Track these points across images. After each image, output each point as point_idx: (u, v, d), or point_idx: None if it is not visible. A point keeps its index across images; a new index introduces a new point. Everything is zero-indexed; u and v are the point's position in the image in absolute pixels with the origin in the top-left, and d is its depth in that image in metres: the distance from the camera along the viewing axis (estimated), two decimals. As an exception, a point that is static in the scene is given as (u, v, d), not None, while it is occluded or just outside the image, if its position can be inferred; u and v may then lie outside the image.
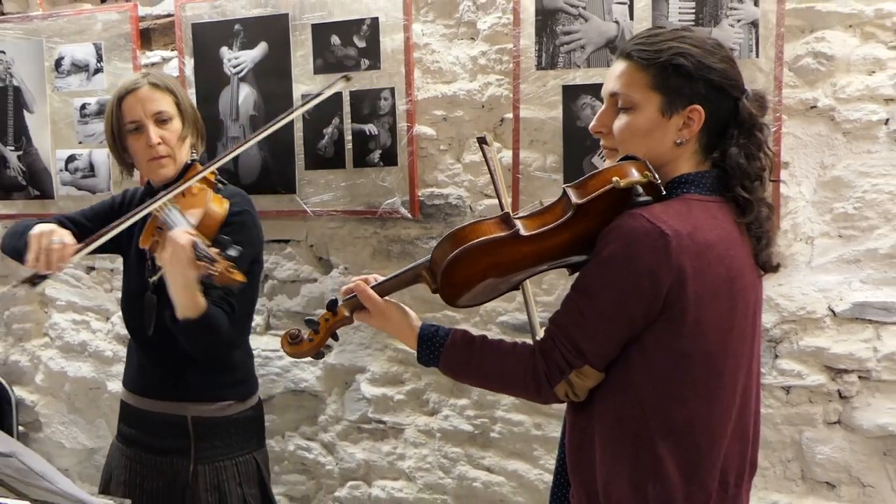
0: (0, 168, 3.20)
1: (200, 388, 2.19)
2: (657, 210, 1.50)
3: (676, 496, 1.55)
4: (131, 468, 2.26)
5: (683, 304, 1.49)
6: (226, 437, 2.21)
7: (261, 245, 2.28)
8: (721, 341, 1.55)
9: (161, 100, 2.18)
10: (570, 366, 1.53)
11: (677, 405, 1.54)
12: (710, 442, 1.57)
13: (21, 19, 3.11)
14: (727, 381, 1.57)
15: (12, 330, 3.36)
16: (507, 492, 2.63)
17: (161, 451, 2.22)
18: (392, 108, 2.58)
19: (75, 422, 3.28)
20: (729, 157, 1.58)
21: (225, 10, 2.76)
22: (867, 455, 2.23)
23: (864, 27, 2.15)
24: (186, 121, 2.22)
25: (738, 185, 1.59)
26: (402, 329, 1.70)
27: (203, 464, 2.18)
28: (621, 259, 1.48)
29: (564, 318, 1.55)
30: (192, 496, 2.16)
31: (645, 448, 1.55)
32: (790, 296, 2.25)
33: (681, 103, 1.57)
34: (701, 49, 1.57)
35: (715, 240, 1.53)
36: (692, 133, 1.58)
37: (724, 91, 1.58)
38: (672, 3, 2.25)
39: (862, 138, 2.17)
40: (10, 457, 1.51)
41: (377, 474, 2.80)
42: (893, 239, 2.15)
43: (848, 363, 2.21)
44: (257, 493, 2.25)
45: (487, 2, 2.49)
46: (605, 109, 1.64)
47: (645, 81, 1.57)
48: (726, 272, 1.54)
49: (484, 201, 2.56)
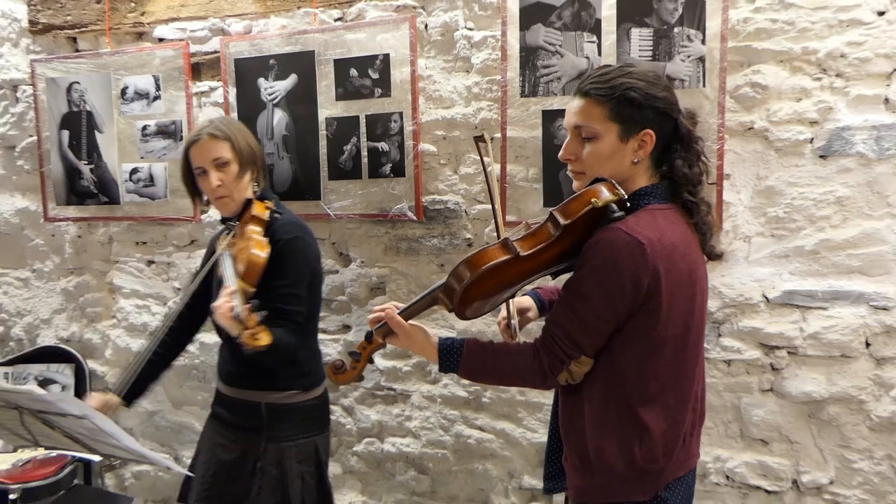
0: (76, 179, 3.19)
1: (271, 381, 2.17)
2: (631, 223, 1.52)
3: (657, 450, 1.59)
4: (215, 441, 2.26)
5: (658, 298, 1.52)
6: (291, 421, 2.19)
7: (315, 263, 2.21)
8: (685, 323, 1.58)
9: (219, 147, 2.13)
10: (569, 357, 1.56)
11: (652, 378, 1.57)
12: (680, 403, 1.62)
13: (93, 55, 3.10)
14: (689, 354, 1.61)
15: (86, 313, 3.35)
16: (497, 447, 2.63)
17: (240, 428, 2.22)
18: (401, 128, 2.57)
19: (138, 389, 3.27)
20: (675, 168, 1.61)
21: (262, 48, 2.76)
22: (794, 417, 2.23)
23: (793, 62, 2.14)
24: (243, 162, 2.16)
25: (685, 192, 1.62)
26: (425, 346, 1.67)
27: (271, 442, 2.16)
28: (608, 267, 1.49)
29: (563, 319, 1.56)
30: (260, 468, 2.16)
31: (628, 415, 1.58)
32: (731, 285, 2.24)
33: (635, 129, 1.58)
34: (645, 82, 1.59)
35: (677, 241, 1.56)
36: (646, 153, 1.60)
37: (667, 114, 1.59)
38: (633, 42, 2.24)
39: (791, 154, 2.16)
40: (83, 418, 1.50)
41: (388, 432, 2.80)
42: (817, 238, 2.15)
43: (779, 341, 2.21)
44: (313, 471, 2.21)
45: (480, 41, 2.48)
46: (571, 139, 1.63)
47: (603, 114, 1.57)
48: (687, 266, 1.57)
49: (477, 206, 2.55)
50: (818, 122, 2.12)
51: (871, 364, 2.14)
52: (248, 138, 2.21)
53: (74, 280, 3.36)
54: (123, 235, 3.21)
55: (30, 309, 3.49)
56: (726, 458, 2.31)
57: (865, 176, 2.09)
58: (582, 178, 1.64)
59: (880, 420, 2.13)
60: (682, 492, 1.68)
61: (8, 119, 3.39)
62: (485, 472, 2.65)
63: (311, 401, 2.23)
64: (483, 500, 2.68)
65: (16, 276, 3.52)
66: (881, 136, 2.07)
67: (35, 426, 1.64)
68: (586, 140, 1.60)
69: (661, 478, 1.62)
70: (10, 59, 3.33)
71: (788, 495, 2.25)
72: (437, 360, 1.65)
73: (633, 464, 1.58)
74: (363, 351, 1.75)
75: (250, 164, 2.19)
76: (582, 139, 1.61)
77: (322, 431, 2.28)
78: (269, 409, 2.18)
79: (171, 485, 3.25)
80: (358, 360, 1.74)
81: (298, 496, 2.17)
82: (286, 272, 2.11)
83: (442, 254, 2.62)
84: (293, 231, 2.15)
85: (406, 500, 2.80)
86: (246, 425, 2.20)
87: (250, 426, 2.19)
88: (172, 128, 2.98)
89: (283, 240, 2.11)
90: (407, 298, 2.68)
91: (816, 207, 2.14)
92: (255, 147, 2.22)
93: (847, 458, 2.18)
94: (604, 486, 1.60)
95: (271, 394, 2.17)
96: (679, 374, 1.61)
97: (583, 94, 1.60)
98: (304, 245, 2.16)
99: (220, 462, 2.22)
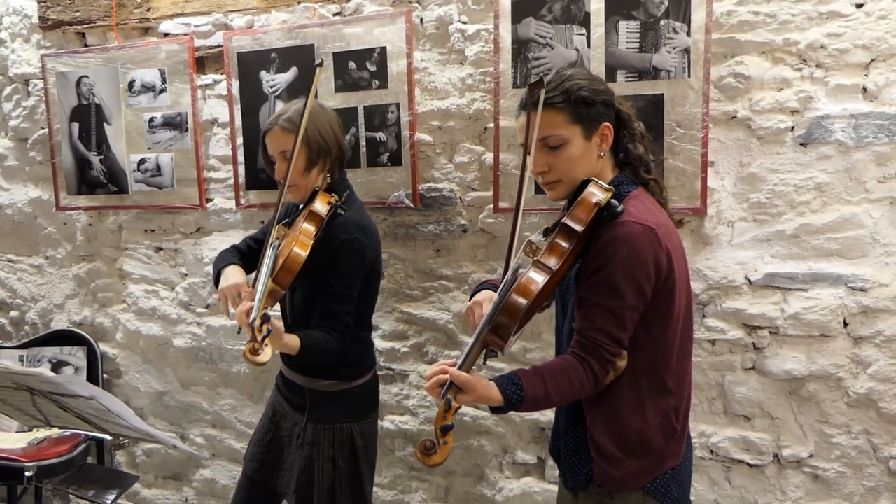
0: (86, 169, 3.17)
1: (316, 370, 2.16)
2: (634, 213, 1.53)
3: (682, 414, 1.64)
4: (275, 409, 2.32)
5: (673, 276, 1.54)
6: (331, 407, 2.17)
7: (370, 264, 2.12)
8: (687, 293, 1.63)
9: (287, 140, 2.04)
10: (614, 356, 1.54)
11: (673, 350, 1.60)
12: (689, 367, 1.69)
13: (101, 50, 3.08)
14: (690, 321, 1.68)
15: (97, 298, 3.34)
16: (491, 424, 2.63)
17: (292, 404, 2.25)
18: (398, 119, 2.56)
19: (148, 370, 3.27)
20: (630, 152, 1.64)
21: (263, 42, 2.73)
22: (776, 394, 2.22)
23: (775, 53, 2.12)
24: (311, 157, 2.06)
25: (643, 172, 1.65)
26: (489, 393, 1.50)
27: (312, 422, 2.17)
28: (632, 259, 1.49)
29: (601, 322, 1.52)
30: (301, 444, 2.18)
31: (661, 390, 1.60)
32: (715, 268, 2.23)
33: (594, 125, 1.59)
34: (588, 79, 1.61)
35: (665, 219, 1.60)
36: (609, 144, 1.62)
37: (611, 105, 1.62)
38: (621, 35, 2.22)
39: (772, 142, 2.15)
40: (91, 399, 1.50)
41: (387, 411, 2.80)
42: (797, 223, 2.14)
43: (761, 321, 2.20)
44: (348, 455, 2.18)
45: (473, 34, 2.46)
46: (538, 152, 1.60)
47: (564, 119, 1.57)
48: (677, 241, 1.61)
49: (471, 193, 2.54)
50: (799, 111, 2.11)
51: (848, 343, 2.13)
52: (324, 129, 2.09)
53: (86, 266, 3.35)
54: (132, 223, 3.20)
55: (43, 294, 3.48)
56: (710, 434, 2.31)
57: (844, 163, 2.08)
58: (557, 187, 1.63)
59: (857, 396, 2.13)
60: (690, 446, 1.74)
61: (20, 112, 3.36)
62: (480, 448, 2.65)
63: (353, 390, 2.20)
64: (478, 474, 2.68)
65: (30, 263, 3.51)
66: (859, 124, 2.05)
67: (46, 407, 1.64)
68: (553, 149, 1.59)
69: (683, 439, 1.67)
70: (21, 55, 3.31)
71: (770, 468, 2.26)
72: (501, 401, 1.51)
73: (670, 433, 1.60)
74: (449, 420, 1.48)
75: (322, 156, 2.09)
76: (549, 149, 1.59)
77: (363, 418, 2.23)
78: (311, 393, 2.18)
79: (181, 462, 3.26)
80: (446, 433, 1.47)
81: (327, 478, 2.15)
82: (340, 272, 2.05)
83: (438, 239, 2.61)
84: (352, 231, 2.06)
85: (405, 475, 2.81)
86: (295, 402, 2.23)
87: (299, 403, 2.22)
88: (178, 119, 2.96)
89: (340, 238, 2.04)
90: (405, 283, 2.68)
91: (797, 193, 2.13)
92: (329, 138, 2.10)
93: (826, 432, 2.18)
94: (644, 468, 1.60)
95: (316, 381, 2.17)
96: (687, 341, 1.66)
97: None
98: (361, 246, 2.07)
99: (279, 430, 2.28)
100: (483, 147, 2.50)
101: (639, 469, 1.60)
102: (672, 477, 1.63)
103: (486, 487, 2.66)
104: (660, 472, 1.62)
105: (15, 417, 1.82)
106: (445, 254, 2.61)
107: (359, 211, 2.16)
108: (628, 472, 1.60)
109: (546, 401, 1.53)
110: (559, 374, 1.52)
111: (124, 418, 1.54)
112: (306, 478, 2.15)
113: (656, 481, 1.62)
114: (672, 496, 1.62)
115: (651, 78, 2.19)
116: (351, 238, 2.05)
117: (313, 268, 2.01)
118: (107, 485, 1.67)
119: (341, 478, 2.16)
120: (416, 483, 2.78)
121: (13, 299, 3.56)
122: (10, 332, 3.61)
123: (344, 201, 2.09)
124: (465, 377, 1.48)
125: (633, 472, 1.60)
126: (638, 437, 1.59)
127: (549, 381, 1.52)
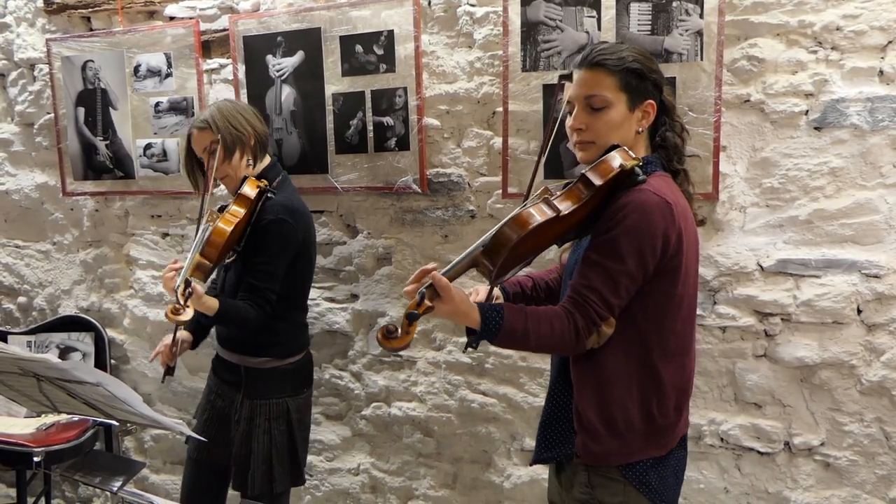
0: (92, 155, 3.15)
1: (249, 347, 2.31)
2: (655, 185, 1.52)
3: (671, 405, 1.60)
4: (212, 390, 2.45)
5: (680, 258, 1.52)
6: (265, 383, 2.32)
7: (297, 245, 2.25)
8: (695, 282, 1.62)
9: (204, 137, 2.24)
10: (601, 319, 1.52)
11: (671, 335, 1.57)
12: (691, 359, 1.65)
13: (106, 34, 3.05)
14: (695, 312, 1.66)
15: (105, 284, 3.34)
16: (499, 411, 2.61)
17: (226, 382, 2.39)
18: (405, 103, 2.53)
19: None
20: (668, 139, 1.62)
21: (269, 25, 2.70)
22: (787, 381, 2.20)
23: (790, 35, 2.08)
24: (227, 147, 2.23)
25: (676, 161, 1.64)
26: (468, 309, 1.50)
27: (248, 398, 2.31)
28: (642, 227, 1.48)
29: (595, 281, 1.51)
30: (237, 420, 2.33)
31: (649, 372, 1.57)
32: (727, 254, 2.21)
33: (640, 100, 1.59)
34: (643, 56, 1.61)
35: (685, 204, 1.59)
36: (649, 122, 1.61)
37: (660, 88, 1.61)
38: (632, 16, 2.18)
39: (786, 126, 2.11)
40: (97, 386, 1.48)
41: (395, 397, 2.79)
42: (810, 208, 2.11)
43: (773, 308, 2.17)
44: (284, 428, 2.33)
45: (482, 16, 2.42)
46: (580, 110, 1.60)
47: (614, 83, 1.56)
48: (693, 228, 1.60)
49: (479, 179, 2.51)
50: (813, 94, 2.07)
51: (862, 330, 2.10)
52: (234, 121, 2.25)
53: (93, 252, 3.34)
54: (139, 209, 3.18)
55: (51, 280, 3.48)
56: (721, 421, 2.28)
57: (859, 147, 2.05)
58: (589, 149, 1.61)
59: (870, 384, 2.10)
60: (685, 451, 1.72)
61: (26, 97, 3.35)
62: (488, 434, 2.64)
63: (286, 366, 2.34)
64: (486, 461, 2.67)
65: (37, 249, 3.51)
66: (875, 107, 2.02)
67: (53, 393, 1.62)
68: (596, 110, 1.58)
69: (675, 433, 1.64)
70: (27, 39, 3.29)
71: (780, 456, 2.23)
72: (478, 322, 1.50)
73: (651, 419, 1.59)
74: (419, 311, 1.48)
75: (237, 145, 2.25)
76: (592, 110, 1.58)
77: (297, 393, 2.37)
78: (246, 370, 2.32)
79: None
80: (412, 321, 1.47)
81: (264, 450, 2.28)
82: (264, 251, 2.20)
83: (446, 225, 2.59)
84: (280, 213, 2.21)
85: (412, 462, 2.80)
86: (230, 380, 2.37)
87: (233, 381, 2.35)
88: (184, 104, 2.94)
89: (267, 219, 2.19)
90: (412, 268, 2.66)
91: (811, 178, 2.10)
92: (241, 127, 2.26)
93: (838, 420, 2.16)
94: (624, 447, 1.59)
95: (249, 358, 2.31)
96: (690, 331, 1.63)
97: (592, 66, 1.58)
98: (287, 227, 2.21)
99: (215, 408, 2.41)
100: (491, 132, 2.47)
101: (618, 447, 1.59)
102: (651, 466, 1.61)
103: (493, 474, 2.65)
104: (639, 458, 1.60)
105: (22, 403, 1.81)
106: (453, 240, 2.59)
107: (290, 195, 2.31)
108: (607, 448, 1.59)
109: (523, 339, 1.52)
110: (542, 319, 1.52)
111: (131, 404, 1.53)
112: (244, 450, 2.29)
113: (635, 466, 1.60)
114: (651, 486, 1.60)
115: (663, 61, 2.15)
116: (277, 219, 2.19)
117: (244, 248, 2.20)
118: (114, 471, 1.66)
119: (277, 449, 2.30)
120: (424, 469, 2.78)
121: (21, 285, 3.56)
122: (17, 318, 3.61)
123: (275, 186, 2.27)
124: (446, 283, 1.47)
125: (611, 450, 1.59)
126: (622, 413, 1.57)
127: (531, 321, 1.51)
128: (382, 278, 2.72)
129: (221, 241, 2.10)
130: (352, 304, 2.81)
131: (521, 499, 2.60)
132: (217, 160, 2.20)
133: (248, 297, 2.20)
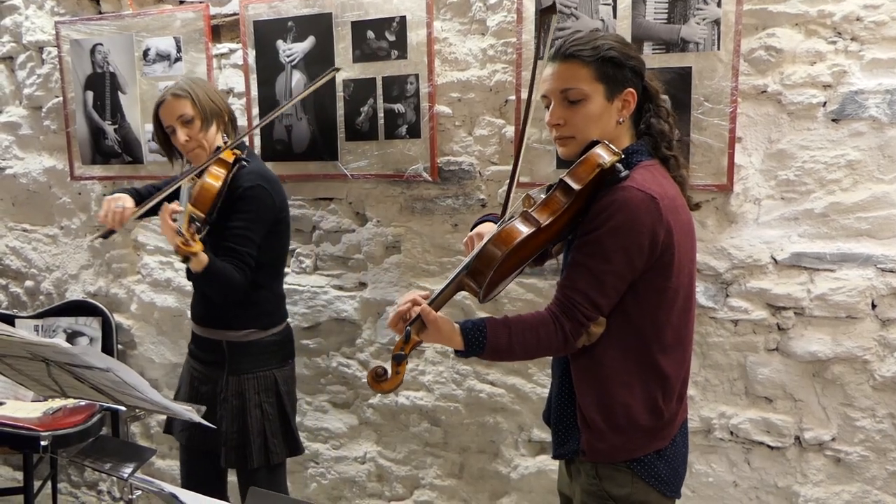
0: (100, 139, 3.14)
1: (230, 320, 2.30)
2: (638, 180, 1.49)
3: (674, 396, 1.60)
4: (192, 375, 2.42)
5: (671, 251, 1.49)
6: (250, 356, 2.31)
7: (274, 211, 2.27)
8: (690, 272, 1.58)
9: (181, 105, 2.23)
10: (589, 321, 1.51)
11: (667, 328, 1.55)
12: (688, 348, 1.64)
13: (115, 17, 3.04)
14: (692, 302, 1.63)
15: (112, 269, 3.33)
16: (507, 401, 2.60)
17: (208, 363, 2.37)
18: (416, 90, 2.51)
19: (162, 342, 3.27)
20: (653, 126, 1.59)
21: (280, 10, 2.68)
22: (799, 376, 2.18)
23: (808, 25, 2.05)
24: (206, 116, 2.25)
25: (664, 147, 1.60)
26: (451, 335, 1.51)
27: (233, 375, 2.30)
28: (627, 225, 1.45)
29: (581, 283, 1.50)
30: (224, 399, 2.31)
31: (650, 367, 1.56)
32: (740, 247, 2.19)
33: (618, 89, 1.55)
34: (619, 42, 1.58)
35: (674, 194, 1.55)
36: (629, 111, 1.58)
37: (640, 74, 1.58)
38: (649, 5, 2.16)
39: (803, 118, 2.09)
40: (107, 371, 1.48)
41: (403, 386, 2.75)
42: (826, 201, 2.08)
43: (786, 302, 2.15)
44: (274, 400, 2.33)
45: (495, 3, 2.40)
46: (557, 104, 1.58)
47: (589, 75, 1.54)
48: (686, 217, 1.57)
49: (491, 168, 2.49)
50: (832, 85, 2.04)
51: (876, 325, 2.09)
52: (211, 93, 2.30)
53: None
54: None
55: (58, 264, 3.48)
56: (731, 415, 2.27)
57: (877, 140, 2.02)
58: (569, 144, 1.60)
59: (884, 380, 2.09)
60: (686, 434, 1.71)
61: (35, 80, 3.33)
62: (495, 424, 2.63)
63: (269, 338, 2.34)
64: (494, 451, 2.66)
65: (45, 233, 3.50)
66: (894, 100, 1.99)
67: (62, 377, 1.62)
68: (573, 103, 1.55)
69: (675, 422, 1.63)
70: (35, 22, 3.27)
71: (791, 451, 2.22)
72: (462, 345, 1.52)
73: (657, 414, 1.58)
74: (406, 351, 1.49)
75: (214, 116, 2.28)
76: (568, 103, 1.56)
77: (282, 365, 2.38)
78: (229, 345, 2.31)
79: (195, 433, 3.26)
80: (401, 362, 1.49)
81: (258, 424, 2.29)
82: (242, 215, 2.20)
83: (456, 214, 2.57)
84: (255, 179, 2.22)
85: (419, 451, 2.80)
86: (212, 360, 2.35)
87: (215, 360, 2.34)
88: (193, 89, 2.92)
89: (243, 186, 2.20)
90: (421, 257, 2.65)
91: (827, 171, 2.07)
92: (218, 101, 2.31)
93: (850, 416, 2.14)
94: (628, 443, 1.58)
95: (231, 332, 2.30)
96: (687, 321, 1.61)
97: (566, 58, 1.56)
98: (263, 193, 2.22)
99: (198, 393, 2.37)
100: (503, 120, 2.45)
101: (622, 444, 1.58)
102: (658, 457, 1.60)
103: (501, 465, 2.65)
104: (645, 452, 1.59)
105: (30, 387, 1.81)
106: (463, 228, 2.57)
107: (260, 165, 2.35)
108: (611, 445, 1.58)
109: (508, 352, 1.53)
110: (527, 329, 1.52)
111: (140, 390, 1.52)
112: (237, 426, 2.29)
113: (643, 461, 1.59)
114: (659, 476, 1.60)
115: (679, 50, 2.13)
116: (254, 185, 2.21)
117: (219, 217, 2.18)
118: (124, 457, 1.66)
119: (270, 422, 2.32)
120: (431, 459, 2.77)
121: (28, 269, 3.56)
122: (25, 302, 3.61)
123: (246, 157, 2.25)
124: (434, 316, 1.49)
125: (617, 447, 1.58)
126: (623, 410, 1.56)
127: (514, 334, 1.51)
128: (391, 267, 2.71)
129: (210, 195, 2.13)
130: (360, 293, 2.80)
131: (528, 489, 2.60)
132: (195, 129, 2.23)
133: (229, 259, 2.17)
